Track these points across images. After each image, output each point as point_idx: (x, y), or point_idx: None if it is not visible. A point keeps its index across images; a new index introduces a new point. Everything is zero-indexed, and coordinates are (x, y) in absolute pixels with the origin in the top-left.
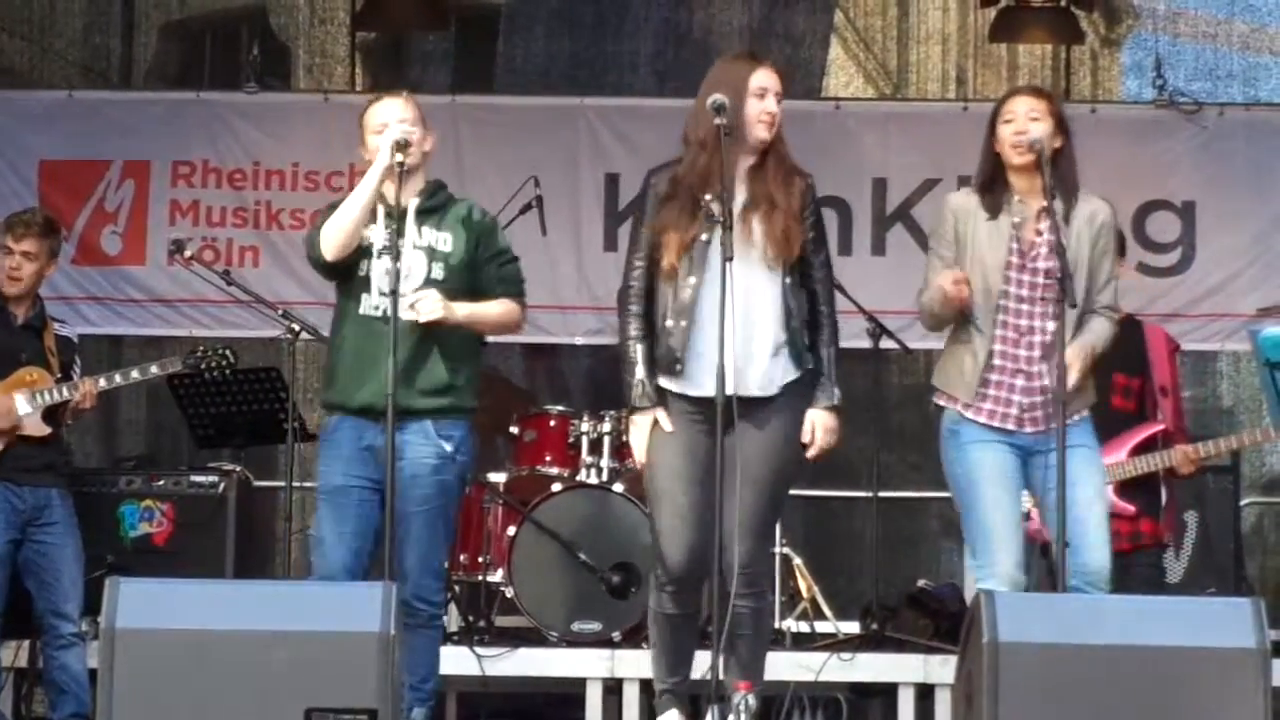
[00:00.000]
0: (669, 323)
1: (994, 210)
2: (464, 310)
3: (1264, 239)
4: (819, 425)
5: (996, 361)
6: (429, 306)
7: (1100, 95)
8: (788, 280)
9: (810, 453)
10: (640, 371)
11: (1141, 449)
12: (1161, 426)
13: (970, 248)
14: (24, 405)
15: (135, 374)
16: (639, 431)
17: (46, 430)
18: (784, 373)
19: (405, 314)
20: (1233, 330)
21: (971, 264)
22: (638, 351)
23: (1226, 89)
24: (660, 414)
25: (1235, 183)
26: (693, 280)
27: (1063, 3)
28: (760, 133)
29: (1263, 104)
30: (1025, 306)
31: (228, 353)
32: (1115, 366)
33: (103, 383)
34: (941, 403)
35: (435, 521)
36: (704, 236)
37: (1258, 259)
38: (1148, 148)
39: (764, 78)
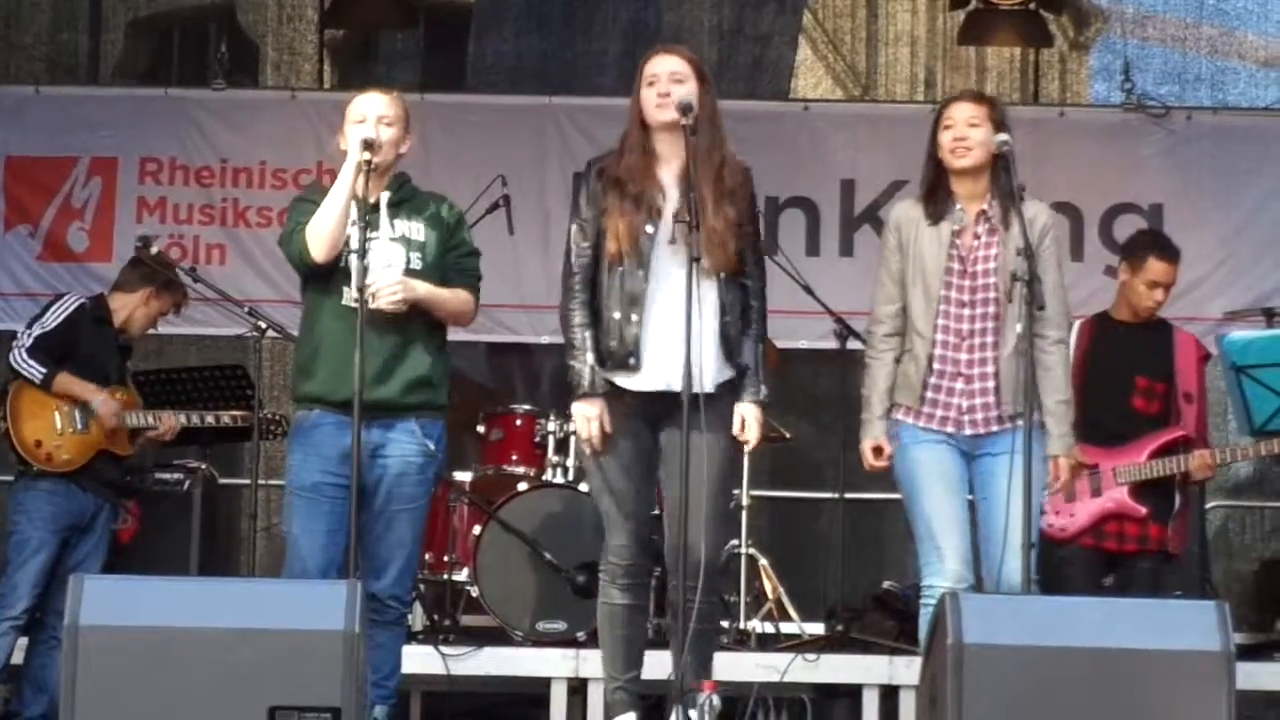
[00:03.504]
0: (617, 315)
1: (935, 217)
2: (423, 289)
3: (1231, 243)
4: (750, 418)
5: (937, 365)
6: (387, 293)
7: (1069, 98)
8: (721, 275)
9: (749, 446)
10: (590, 358)
11: (1161, 453)
12: (1183, 432)
13: (913, 255)
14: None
15: (210, 419)
16: (590, 419)
17: (131, 450)
18: (721, 370)
19: (374, 304)
20: (1200, 334)
21: (914, 270)
22: (586, 339)
23: (1195, 92)
24: (603, 406)
25: (1203, 186)
26: (641, 273)
27: (1031, 6)
28: (656, 115)
29: (1230, 108)
30: (965, 311)
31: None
32: (1139, 369)
33: (182, 419)
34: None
35: (420, 520)
36: (649, 229)
37: (1225, 262)
38: (1116, 151)
39: (655, 64)
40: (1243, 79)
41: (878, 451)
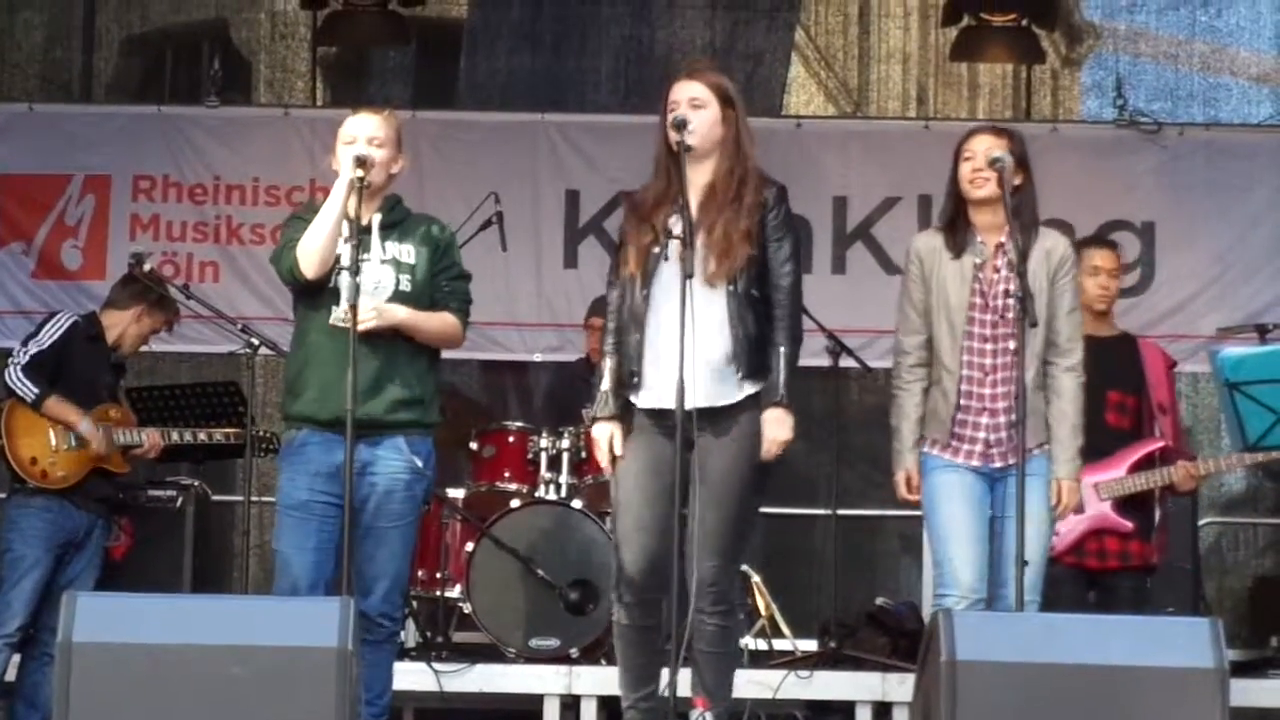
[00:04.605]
0: (629, 335)
1: (957, 250)
2: (403, 313)
3: (1223, 259)
4: (766, 423)
5: (963, 401)
6: (365, 317)
7: (1061, 115)
8: (731, 289)
9: (763, 452)
10: (605, 383)
11: (1140, 466)
12: (1161, 443)
13: (936, 289)
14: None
15: (202, 436)
16: (598, 439)
17: (126, 467)
18: (738, 386)
19: (364, 325)
20: (1192, 351)
21: (938, 305)
22: (606, 364)
23: (1187, 109)
24: (616, 428)
25: (1195, 203)
26: (644, 292)
27: (1024, 22)
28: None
29: (1223, 124)
30: (989, 345)
31: (274, 438)
32: (1110, 383)
33: (173, 436)
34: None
35: (408, 537)
36: (655, 249)
37: (1217, 279)
38: (1108, 167)
39: (675, 91)
40: (1235, 95)
41: (909, 483)
